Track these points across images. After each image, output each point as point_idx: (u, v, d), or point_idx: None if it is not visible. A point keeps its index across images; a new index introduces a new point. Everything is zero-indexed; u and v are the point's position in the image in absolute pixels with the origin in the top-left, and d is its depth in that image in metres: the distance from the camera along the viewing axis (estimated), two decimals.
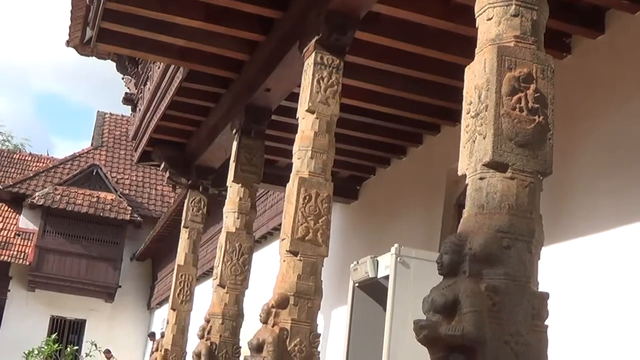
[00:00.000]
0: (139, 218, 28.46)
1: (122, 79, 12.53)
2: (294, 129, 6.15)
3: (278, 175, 9.81)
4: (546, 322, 3.14)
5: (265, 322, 5.47)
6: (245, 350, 5.72)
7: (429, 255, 6.11)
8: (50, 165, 31.06)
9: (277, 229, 12.07)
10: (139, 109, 10.61)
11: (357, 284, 7.25)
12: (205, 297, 8.35)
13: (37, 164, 33.68)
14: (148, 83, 10.11)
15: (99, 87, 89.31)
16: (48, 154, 37.75)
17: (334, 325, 10.34)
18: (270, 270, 5.79)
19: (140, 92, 10.78)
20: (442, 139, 8.79)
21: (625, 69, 6.08)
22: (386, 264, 6.59)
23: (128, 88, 12.37)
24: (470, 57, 3.51)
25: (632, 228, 5.59)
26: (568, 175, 6.24)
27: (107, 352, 21.47)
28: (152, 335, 21.55)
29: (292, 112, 6.54)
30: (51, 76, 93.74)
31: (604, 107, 6.21)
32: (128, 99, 11.59)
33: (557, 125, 3.41)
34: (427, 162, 9.14)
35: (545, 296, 3.16)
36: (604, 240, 5.83)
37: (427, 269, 4.15)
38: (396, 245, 6.52)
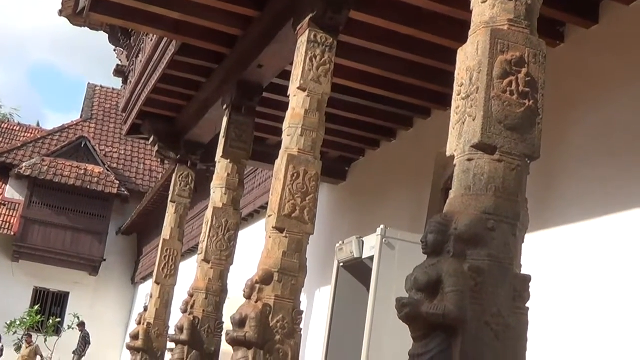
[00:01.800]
0: (126, 192, 28.43)
1: (114, 50, 12.48)
2: (285, 107, 6.14)
3: (267, 153, 9.80)
4: (527, 305, 3.16)
5: (248, 297, 5.48)
6: (228, 326, 5.73)
7: (414, 238, 6.13)
8: (39, 136, 30.93)
9: (264, 207, 12.08)
10: (130, 82, 10.57)
11: (341, 264, 7.27)
12: (190, 273, 8.36)
13: (26, 135, 33.54)
14: (140, 55, 10.06)
15: (96, 61, 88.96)
16: (38, 125, 37.57)
17: (317, 304, 10.37)
18: (255, 248, 5.80)
19: (132, 65, 10.73)
20: (432, 123, 8.80)
21: (617, 60, 6.10)
22: (371, 245, 6.61)
23: (120, 60, 12.32)
24: (465, 41, 3.52)
25: (619, 216, 5.62)
26: (557, 163, 6.27)
27: (29, 337, 21.06)
28: (81, 325, 21.27)
29: (284, 90, 6.54)
30: (48, 47, 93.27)
31: (594, 96, 6.22)
32: (119, 71, 11.54)
33: (547, 113, 3.42)
34: (416, 146, 9.15)
35: (527, 279, 3.18)
36: (591, 228, 5.87)
37: (412, 251, 4.18)
38: (382, 226, 6.54)
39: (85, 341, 21.05)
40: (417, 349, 3.04)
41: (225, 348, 6.75)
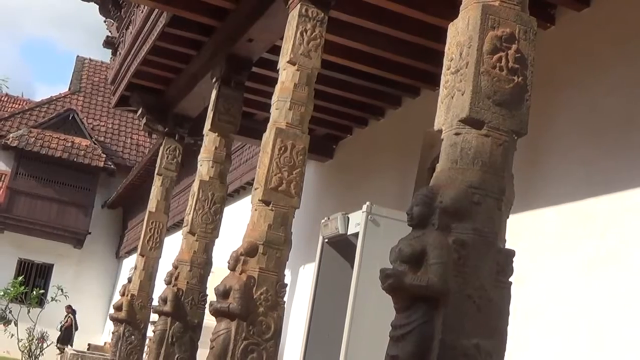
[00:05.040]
0: (112, 166, 28.36)
1: (105, 22, 12.40)
2: (274, 82, 6.13)
3: (255, 129, 9.77)
4: (510, 279, 3.18)
5: (233, 269, 5.50)
6: (211, 299, 5.75)
7: (399, 215, 6.13)
8: (26, 107, 30.76)
9: (251, 183, 12.06)
10: (120, 53, 10.51)
11: (326, 240, 7.29)
12: (175, 247, 8.36)
13: (13, 105, 33.38)
14: (130, 27, 10.00)
15: (90, 36, 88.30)
16: (22, 95, 37.34)
17: (301, 280, 10.41)
18: (241, 223, 5.81)
19: (122, 36, 10.67)
20: (421, 103, 8.80)
21: (606, 43, 6.11)
22: (357, 221, 6.62)
23: (110, 32, 12.24)
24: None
25: (601, 199, 5.66)
26: (542, 144, 6.30)
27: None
28: (69, 308, 21.31)
29: (273, 65, 6.52)
30: (42, 21, 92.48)
31: (583, 78, 6.25)
32: (109, 43, 11.47)
33: (535, 94, 3.44)
34: (404, 125, 9.16)
35: (511, 253, 3.20)
36: (574, 209, 5.91)
37: (397, 228, 4.20)
38: (368, 203, 6.55)
39: (74, 327, 21.10)
40: (400, 320, 3.06)
41: (208, 321, 6.78)
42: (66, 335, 21.72)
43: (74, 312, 21.36)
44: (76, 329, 20.62)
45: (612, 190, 5.60)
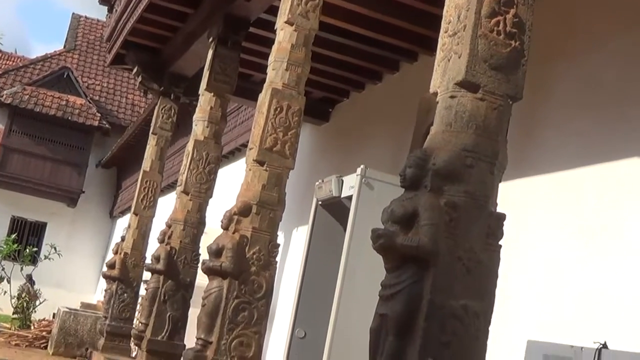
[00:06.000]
0: (107, 125, 28.27)
1: None
2: (271, 43, 6.11)
3: (252, 90, 9.75)
4: (500, 243, 3.21)
5: (226, 228, 5.53)
6: (204, 258, 5.79)
7: (393, 179, 6.14)
8: (21, 65, 30.58)
9: (246, 145, 12.05)
10: (116, 10, 10.44)
11: (320, 202, 7.31)
12: (169, 208, 8.39)
13: (7, 62, 33.18)
14: None
15: None
16: (16, 52, 37.09)
17: (294, 242, 10.46)
18: (235, 185, 5.82)
19: None
20: (418, 68, 8.78)
21: (604, 14, 6.09)
22: (351, 184, 6.63)
23: None
24: None
25: (595, 169, 5.68)
26: (538, 114, 6.30)
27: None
28: (29, 279, 21.17)
29: (271, 26, 6.50)
30: None
31: (579, 49, 6.24)
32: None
33: (532, 63, 3.44)
34: (401, 90, 9.14)
35: (501, 217, 3.22)
36: (567, 179, 5.93)
37: (391, 192, 4.20)
38: (362, 166, 6.56)
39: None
40: (390, 280, 3.09)
41: (200, 281, 6.82)
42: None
43: (32, 282, 21.24)
44: (36, 298, 20.43)
45: (605, 160, 5.62)
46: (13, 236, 22.56)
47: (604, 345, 3.99)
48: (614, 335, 4.33)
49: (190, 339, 5.96)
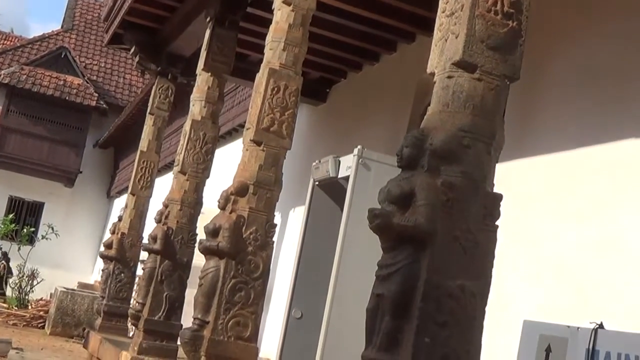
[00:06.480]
0: (104, 105, 28.22)
1: None
2: (268, 23, 6.09)
3: (249, 70, 9.73)
4: (497, 223, 3.21)
5: (223, 208, 5.53)
6: (201, 237, 5.79)
7: (390, 160, 6.15)
8: (18, 44, 30.48)
9: (243, 125, 12.05)
10: None
11: (317, 183, 7.31)
12: (165, 188, 8.38)
13: (5, 42, 33.04)
14: None
15: None
16: (13, 32, 36.93)
17: (292, 222, 10.47)
18: (233, 165, 5.82)
19: None
20: (416, 49, 8.75)
21: None
22: (348, 165, 6.64)
23: None
24: None
25: (592, 150, 5.68)
26: (536, 94, 6.29)
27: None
28: (4, 255, 21.05)
29: (268, 6, 6.46)
30: None
31: (578, 29, 6.22)
32: None
33: (530, 43, 3.43)
34: (399, 71, 9.12)
35: (498, 197, 3.22)
36: (565, 159, 5.93)
37: (388, 172, 4.20)
38: (359, 146, 6.56)
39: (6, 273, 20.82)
40: (386, 260, 3.09)
41: (198, 261, 6.83)
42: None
43: (7, 259, 21.22)
44: (10, 274, 20.40)
45: (603, 141, 5.62)
46: (11, 216, 22.59)
47: (600, 326, 4.00)
48: (610, 315, 4.34)
49: (187, 319, 5.98)
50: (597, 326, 4.00)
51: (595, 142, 5.69)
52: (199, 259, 6.28)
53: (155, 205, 9.46)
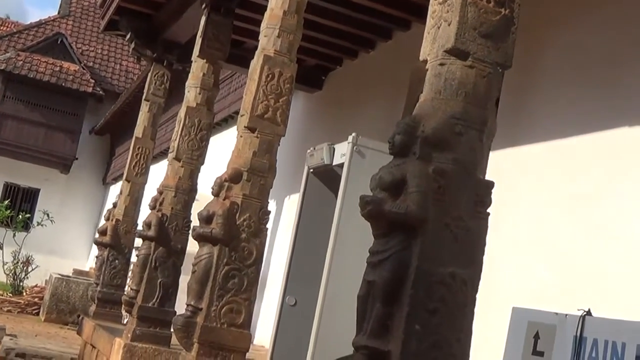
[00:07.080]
0: (101, 91, 28.18)
1: None
2: (264, 10, 6.07)
3: (244, 57, 9.66)
4: (488, 210, 3.22)
5: (216, 195, 5.53)
6: (195, 224, 5.78)
7: (385, 147, 6.13)
8: (15, 30, 30.39)
9: (238, 113, 12.05)
10: None
11: (311, 170, 7.31)
12: (161, 175, 8.38)
13: (1, 28, 32.98)
14: None
15: None
16: (8, 18, 36.80)
17: (286, 209, 10.48)
18: (228, 152, 5.82)
19: None
20: (411, 36, 8.74)
21: None
22: (342, 152, 6.64)
23: None
24: None
25: (586, 137, 5.69)
26: (529, 82, 6.30)
27: None
28: None
29: None
30: None
31: (570, 16, 6.22)
32: None
33: (522, 30, 3.43)
34: (394, 59, 9.12)
35: (490, 185, 3.22)
36: (558, 147, 5.94)
37: (382, 160, 4.20)
38: (354, 134, 6.55)
39: None
40: (378, 246, 3.10)
41: (192, 248, 6.83)
42: None
43: None
44: None
45: (596, 128, 5.63)
46: (6, 202, 22.54)
47: (588, 313, 4.01)
48: (598, 303, 4.36)
49: (181, 306, 5.99)
50: (585, 313, 4.02)
51: (587, 130, 5.71)
52: (193, 246, 6.28)
53: (150, 192, 9.45)
